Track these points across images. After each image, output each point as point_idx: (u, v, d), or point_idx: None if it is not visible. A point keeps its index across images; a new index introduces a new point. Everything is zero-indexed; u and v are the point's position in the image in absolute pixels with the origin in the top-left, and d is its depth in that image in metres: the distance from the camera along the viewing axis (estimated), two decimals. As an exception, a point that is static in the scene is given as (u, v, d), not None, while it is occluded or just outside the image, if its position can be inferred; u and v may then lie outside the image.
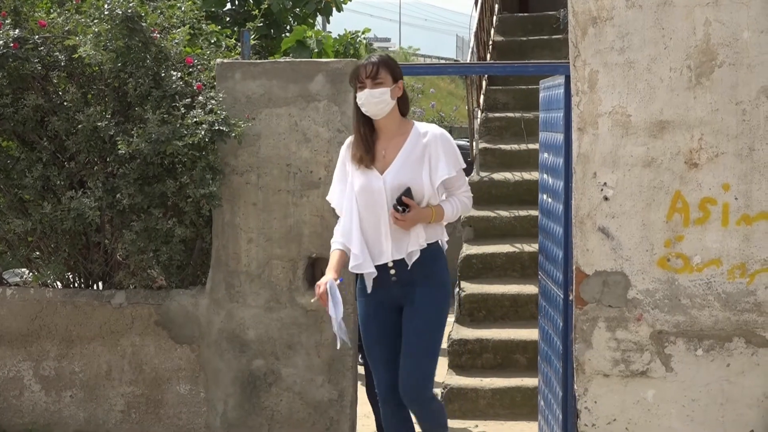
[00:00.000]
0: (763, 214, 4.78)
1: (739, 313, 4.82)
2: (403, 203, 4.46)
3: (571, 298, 5.04)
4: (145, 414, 5.66)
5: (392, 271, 4.59)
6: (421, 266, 4.57)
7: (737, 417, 4.84)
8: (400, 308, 4.64)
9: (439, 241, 4.70)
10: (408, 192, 4.49)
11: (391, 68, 4.59)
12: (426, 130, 4.65)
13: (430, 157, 4.56)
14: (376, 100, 4.50)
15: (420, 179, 4.54)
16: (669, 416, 4.89)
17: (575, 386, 4.99)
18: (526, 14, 12.00)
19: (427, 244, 4.59)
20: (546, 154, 5.86)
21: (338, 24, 17.72)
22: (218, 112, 5.31)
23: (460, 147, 5.99)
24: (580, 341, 4.94)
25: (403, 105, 4.66)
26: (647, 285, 4.89)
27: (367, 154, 4.59)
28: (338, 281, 4.52)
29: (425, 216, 4.56)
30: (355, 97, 4.60)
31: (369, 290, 4.62)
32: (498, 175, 9.06)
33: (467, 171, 5.68)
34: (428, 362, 4.59)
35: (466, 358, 7.20)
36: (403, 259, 4.57)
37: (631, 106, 4.86)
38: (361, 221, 4.58)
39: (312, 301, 4.79)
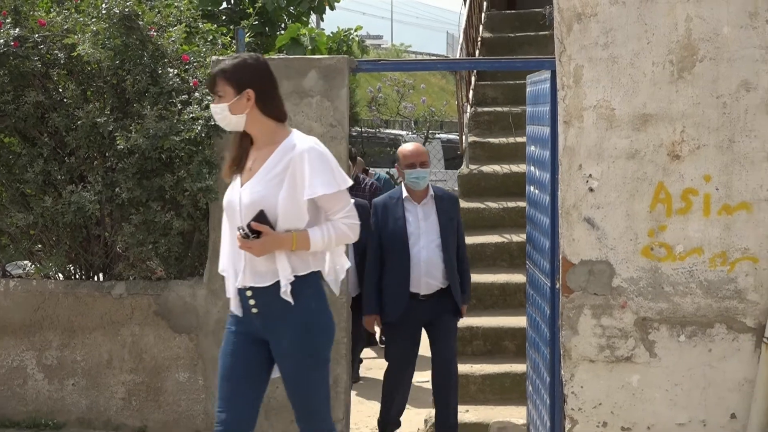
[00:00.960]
0: (743, 204, 4.78)
1: (720, 300, 4.83)
2: (252, 229, 3.79)
3: (557, 286, 5.03)
4: (145, 401, 5.65)
5: (251, 301, 3.94)
6: (283, 301, 3.87)
7: (719, 401, 4.85)
8: (264, 341, 4.01)
9: (320, 272, 4.03)
10: (261, 215, 3.81)
11: (232, 77, 3.91)
12: (295, 143, 3.90)
13: (295, 174, 3.85)
14: (218, 116, 3.98)
15: (275, 198, 3.85)
16: (653, 400, 4.90)
17: (562, 372, 5.00)
18: (513, 11, 11.99)
19: (296, 276, 3.88)
20: (533, 147, 5.85)
21: (331, 22, 17.68)
22: (214, 108, 5.29)
23: (450, 141, 6.00)
24: (567, 328, 4.95)
25: (269, 111, 3.96)
26: (631, 273, 4.89)
27: (235, 162, 4.02)
28: None
29: (281, 243, 3.84)
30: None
31: (239, 314, 4.02)
32: (487, 168, 9.05)
33: (456, 164, 5.67)
34: (312, 402, 4.03)
35: (457, 345, 7.19)
36: (268, 288, 3.90)
37: (615, 99, 4.86)
38: (227, 237, 4.04)
39: None
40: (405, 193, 5.99)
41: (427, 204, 5.99)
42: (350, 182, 4.02)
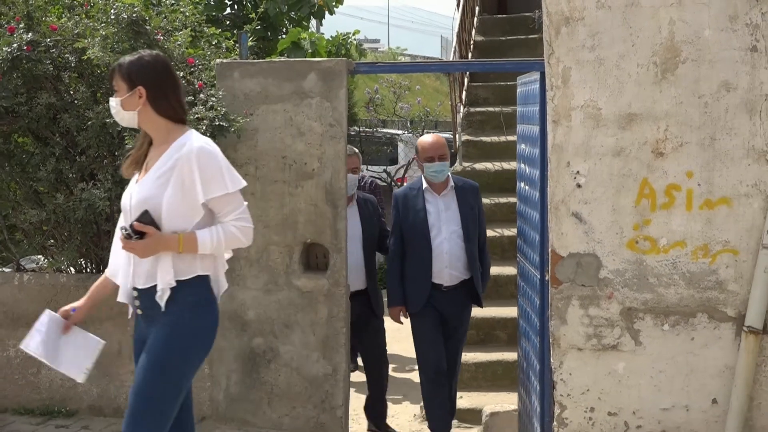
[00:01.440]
0: (723, 199, 4.79)
1: (702, 291, 4.84)
2: (135, 229, 3.57)
3: (547, 278, 5.04)
4: (153, 389, 5.65)
5: (137, 302, 3.74)
6: (160, 305, 3.63)
7: (701, 386, 4.87)
8: None
9: (209, 277, 3.75)
10: (145, 215, 3.58)
11: (125, 73, 3.72)
12: (185, 143, 3.64)
13: (183, 174, 3.60)
14: (113, 111, 3.80)
15: (160, 198, 3.61)
16: (638, 386, 4.91)
17: (551, 359, 5.01)
18: (504, 15, 11.99)
19: (178, 281, 3.62)
20: (523, 145, 5.86)
21: (330, 26, 17.68)
22: (218, 108, 5.29)
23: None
24: (556, 318, 4.96)
25: (162, 110, 3.71)
26: (617, 265, 4.90)
27: (134, 160, 3.81)
28: (72, 311, 4.00)
29: (167, 244, 3.58)
30: None
31: (130, 316, 3.85)
32: (479, 165, 9.08)
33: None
34: (138, 402, 3.61)
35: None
36: (149, 289, 3.66)
37: (602, 99, 4.87)
38: (117, 237, 3.79)
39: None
40: (425, 184, 5.86)
41: (448, 195, 5.87)
42: (243, 183, 3.76)
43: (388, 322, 6.27)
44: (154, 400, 3.62)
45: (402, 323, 6.00)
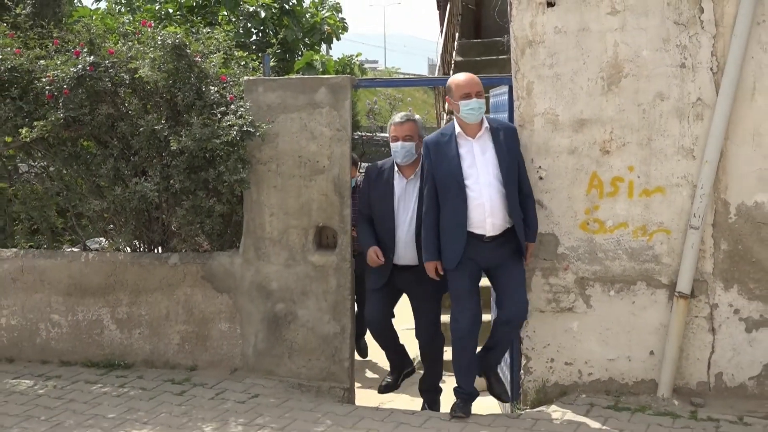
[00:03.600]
0: (658, 189, 4.80)
1: (641, 263, 4.86)
2: None
3: (515, 253, 5.03)
4: (195, 346, 5.67)
5: None
6: None
7: (641, 341, 4.89)
8: None
9: None
10: None
11: None
12: None
13: None
14: None
15: None
16: (589, 341, 4.93)
17: (519, 320, 5.01)
18: (479, 40, 11.99)
19: None
20: (495, 146, 5.83)
21: (337, 50, 17.79)
22: (246, 117, 5.28)
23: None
24: (522, 286, 4.96)
25: None
26: (572, 243, 4.91)
27: None
28: None
29: None
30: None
31: None
32: (460, 163, 9.04)
33: None
34: None
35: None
36: None
37: (559, 108, 4.87)
38: None
39: None
40: (458, 129, 4.58)
41: (483, 137, 4.58)
42: None
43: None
44: None
45: (438, 279, 4.72)
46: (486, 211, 4.52)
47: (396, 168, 5.12)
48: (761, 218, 4.66)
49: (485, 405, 5.81)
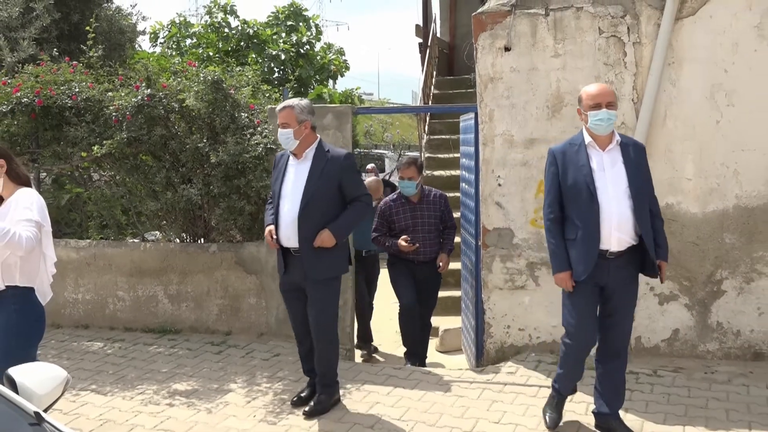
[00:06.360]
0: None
1: (577, 251, 4.83)
2: None
3: (479, 243, 5.04)
4: (230, 316, 5.64)
5: None
6: None
7: (577, 312, 4.87)
8: None
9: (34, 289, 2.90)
10: None
11: None
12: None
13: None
14: None
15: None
16: (538, 312, 4.93)
17: (482, 295, 5.01)
18: (452, 77, 11.95)
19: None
20: (464, 160, 5.83)
21: (342, 84, 17.75)
22: (269, 137, 5.27)
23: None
24: (485, 269, 4.96)
25: (11, 175, 3.07)
26: (524, 235, 4.90)
27: None
28: None
29: None
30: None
31: None
32: (437, 172, 9.05)
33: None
34: None
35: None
36: None
37: (514, 130, 4.86)
38: None
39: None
40: (588, 139, 3.45)
41: (613, 151, 3.43)
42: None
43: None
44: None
45: (572, 290, 3.48)
46: (613, 225, 3.37)
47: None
48: (671, 216, 4.66)
49: (455, 362, 5.80)
